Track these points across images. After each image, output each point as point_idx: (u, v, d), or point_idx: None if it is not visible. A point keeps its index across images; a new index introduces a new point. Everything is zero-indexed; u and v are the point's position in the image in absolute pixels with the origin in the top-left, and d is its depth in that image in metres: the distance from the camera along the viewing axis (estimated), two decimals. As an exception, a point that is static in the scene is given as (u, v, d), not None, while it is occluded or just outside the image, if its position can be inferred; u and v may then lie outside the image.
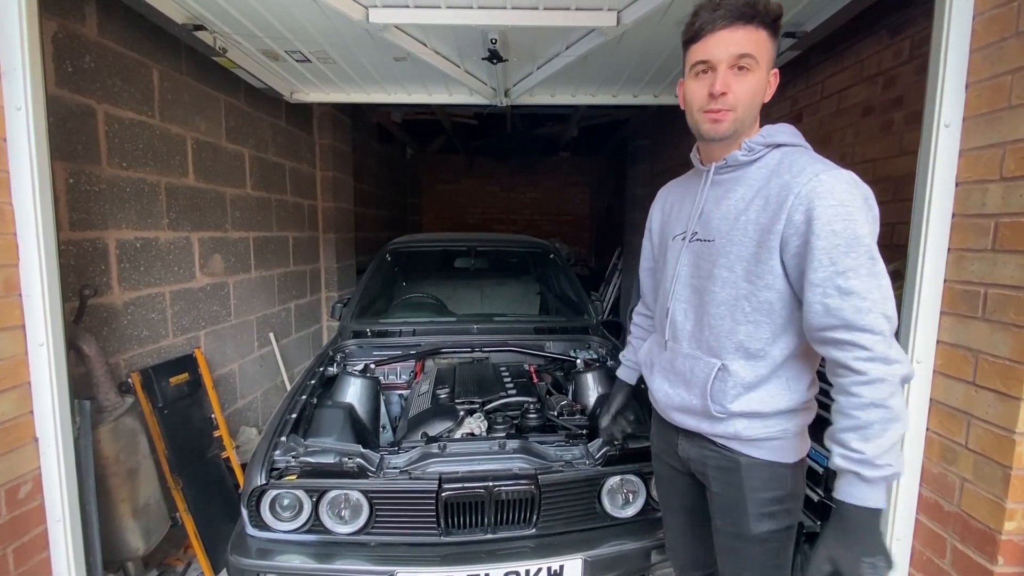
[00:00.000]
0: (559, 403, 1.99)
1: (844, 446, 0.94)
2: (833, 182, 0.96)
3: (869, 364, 0.92)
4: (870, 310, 0.93)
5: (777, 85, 1.10)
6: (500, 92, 3.03)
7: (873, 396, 0.92)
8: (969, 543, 1.25)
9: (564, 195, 8.64)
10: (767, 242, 1.02)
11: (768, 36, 1.03)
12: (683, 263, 1.17)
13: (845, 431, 0.94)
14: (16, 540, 1.39)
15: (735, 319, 1.08)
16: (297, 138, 3.90)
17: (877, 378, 0.92)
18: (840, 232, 0.94)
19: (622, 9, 2.05)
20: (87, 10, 2.00)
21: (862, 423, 0.92)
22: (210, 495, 2.37)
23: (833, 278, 0.94)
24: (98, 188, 2.06)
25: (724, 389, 1.09)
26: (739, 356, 1.09)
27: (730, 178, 1.11)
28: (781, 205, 1.00)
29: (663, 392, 1.22)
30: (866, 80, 2.33)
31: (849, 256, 0.94)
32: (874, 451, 0.91)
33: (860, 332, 0.93)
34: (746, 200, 1.07)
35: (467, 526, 1.57)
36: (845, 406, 0.95)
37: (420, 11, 2.06)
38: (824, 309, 0.96)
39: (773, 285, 1.04)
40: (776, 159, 1.06)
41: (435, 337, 2.51)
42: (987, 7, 1.23)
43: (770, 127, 1.10)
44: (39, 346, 1.41)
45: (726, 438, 1.12)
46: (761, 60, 1.03)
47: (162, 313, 2.44)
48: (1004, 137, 1.19)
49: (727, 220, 1.09)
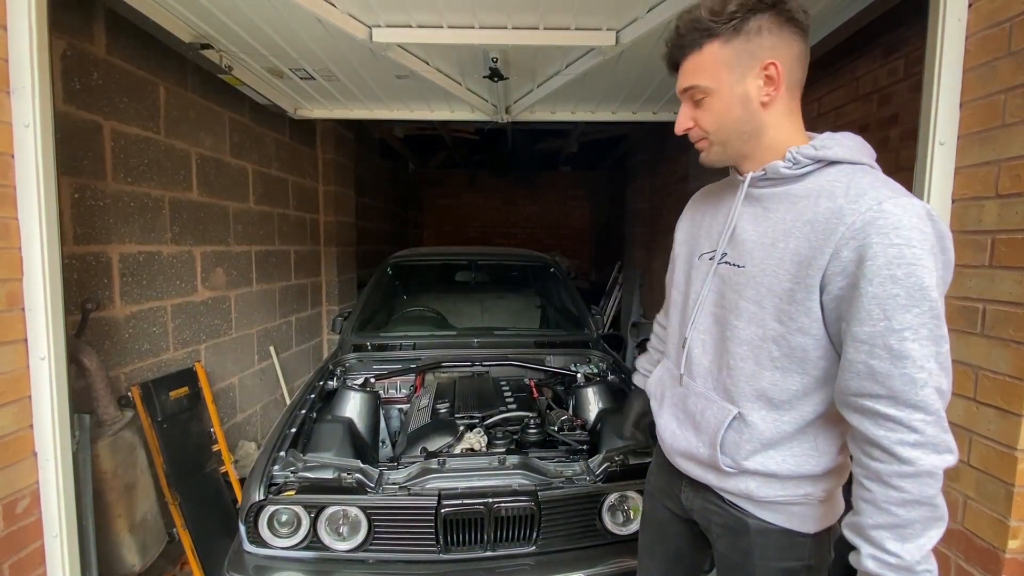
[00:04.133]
0: (559, 418, 1.98)
1: (877, 546, 0.78)
2: (900, 214, 0.76)
3: (917, 452, 0.75)
4: (926, 383, 0.75)
5: (783, 78, 0.88)
6: (501, 109, 3.07)
7: (919, 493, 0.75)
8: (973, 561, 1.24)
9: (564, 209, 8.68)
10: (806, 279, 0.84)
11: (718, 46, 0.87)
12: (709, 288, 0.99)
13: (879, 528, 0.78)
14: (13, 555, 1.38)
15: (759, 362, 0.91)
16: (300, 153, 3.94)
17: (926, 471, 0.75)
18: (902, 280, 0.75)
19: (621, 29, 2.09)
20: (95, 29, 2.04)
21: (902, 522, 0.76)
22: (208, 510, 2.35)
23: (885, 335, 0.76)
24: (103, 203, 2.08)
25: (738, 442, 0.93)
26: (760, 405, 0.92)
27: (770, 194, 0.92)
28: (828, 236, 0.81)
29: (670, 432, 1.06)
30: (862, 98, 2.36)
31: (910, 312, 0.75)
32: (914, 555, 0.76)
33: (911, 410, 0.76)
34: (787, 224, 0.88)
35: (466, 543, 1.55)
36: (881, 499, 0.78)
37: (422, 31, 2.10)
38: (868, 371, 0.78)
39: (809, 330, 0.85)
40: (831, 178, 0.86)
41: (435, 351, 2.51)
42: (979, 28, 1.26)
43: (828, 136, 0.90)
44: (40, 360, 1.41)
45: (735, 495, 0.96)
46: (719, 79, 0.89)
47: (163, 327, 2.44)
48: (999, 155, 1.20)
49: (762, 246, 0.90)
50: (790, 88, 0.90)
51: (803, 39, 0.89)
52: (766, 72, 0.87)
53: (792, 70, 0.89)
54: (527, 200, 8.61)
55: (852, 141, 0.89)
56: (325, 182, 4.32)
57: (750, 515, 0.96)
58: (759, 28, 0.86)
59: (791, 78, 0.89)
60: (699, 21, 0.88)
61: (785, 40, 0.87)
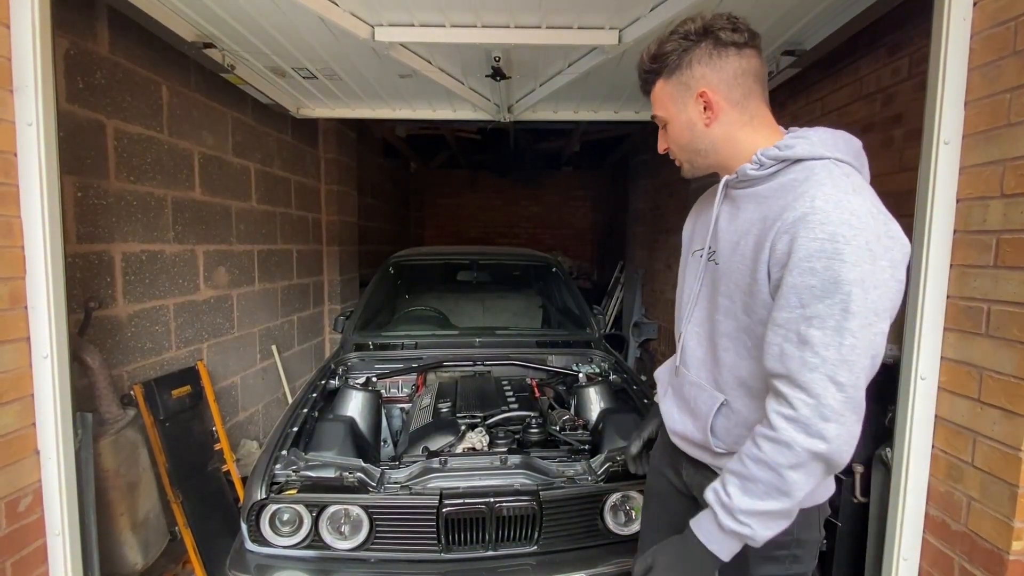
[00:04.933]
0: (561, 418, 1.98)
1: (722, 483, 0.91)
2: (831, 210, 0.81)
3: (785, 424, 0.83)
4: (817, 368, 0.81)
5: (714, 98, 0.97)
6: (503, 108, 3.07)
7: (770, 457, 0.84)
8: (977, 563, 1.23)
9: (566, 209, 8.68)
10: (756, 272, 0.91)
11: (662, 83, 1.01)
12: (702, 283, 1.08)
13: (732, 473, 0.89)
14: (15, 554, 1.38)
15: (738, 353, 0.98)
16: (302, 152, 3.94)
17: (784, 442, 0.83)
18: (819, 272, 0.80)
19: (623, 28, 2.09)
20: (98, 27, 2.04)
21: (748, 475, 0.87)
22: (209, 509, 2.35)
23: (798, 322, 0.83)
24: (105, 201, 2.08)
25: (727, 427, 1.01)
26: (742, 393, 0.99)
27: (742, 195, 0.99)
28: (770, 231, 0.88)
29: (671, 417, 1.16)
30: (865, 97, 2.35)
31: (822, 303, 0.81)
32: (743, 505, 0.86)
33: (797, 389, 0.83)
34: (749, 222, 0.95)
35: (468, 543, 1.55)
36: (745, 451, 0.89)
37: (425, 30, 2.09)
38: (779, 353, 0.85)
39: (766, 320, 0.90)
40: (792, 176, 0.91)
41: (437, 350, 2.51)
42: (985, 26, 1.25)
43: (797, 133, 0.96)
44: (43, 358, 1.42)
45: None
46: (668, 110, 1.02)
47: (165, 326, 2.45)
48: (1004, 154, 1.19)
49: (730, 243, 0.99)
50: (736, 103, 0.97)
51: (742, 55, 0.96)
52: (702, 99, 0.97)
53: (731, 89, 0.96)
54: (529, 200, 8.61)
55: (820, 135, 0.93)
56: (327, 181, 4.32)
57: None
58: (691, 62, 0.97)
59: (731, 96, 0.97)
60: (644, 64, 1.03)
61: (717, 66, 0.96)
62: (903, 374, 1.37)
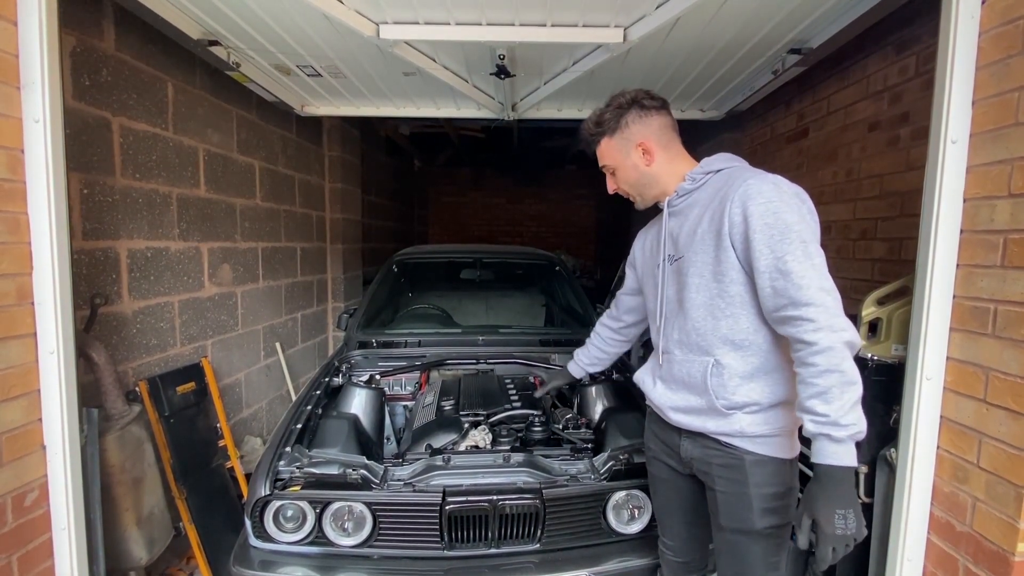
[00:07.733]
0: (564, 416, 1.98)
1: (811, 412, 1.04)
2: (759, 184, 1.13)
3: (818, 335, 1.03)
4: (809, 285, 1.05)
5: (649, 145, 1.30)
6: (507, 106, 3.06)
7: (827, 363, 1.02)
8: (982, 564, 1.23)
9: (570, 207, 8.66)
10: (721, 243, 1.16)
11: (607, 140, 1.33)
12: (667, 284, 1.33)
13: (810, 398, 1.04)
14: (21, 548, 1.40)
15: (715, 316, 1.20)
16: (307, 150, 3.95)
17: (827, 346, 1.02)
18: (773, 224, 1.09)
19: (629, 26, 2.08)
20: (105, 25, 2.05)
21: (822, 388, 1.02)
22: (214, 505, 2.36)
23: (775, 263, 1.08)
24: (111, 199, 2.09)
25: (723, 383, 1.19)
26: (728, 348, 1.19)
27: (684, 205, 1.30)
28: (723, 209, 1.16)
29: (662, 394, 1.33)
30: (872, 96, 2.34)
31: (785, 242, 1.07)
32: (838, 412, 1.01)
33: (805, 306, 1.05)
34: (700, 216, 1.23)
35: (471, 540, 1.55)
36: (805, 376, 1.05)
37: (430, 28, 2.09)
38: (773, 291, 1.09)
39: (737, 279, 1.16)
40: (719, 179, 1.24)
41: (440, 348, 2.51)
42: (993, 25, 1.24)
43: (708, 158, 1.30)
44: (49, 354, 1.42)
45: (731, 435, 1.20)
46: (615, 160, 1.34)
47: (170, 322, 2.46)
48: (1012, 153, 1.19)
49: (690, 236, 1.24)
50: (664, 147, 1.31)
51: (660, 114, 1.31)
52: (641, 147, 1.31)
53: (660, 136, 1.31)
54: (533, 198, 8.60)
55: (724, 155, 1.30)
56: (331, 179, 4.33)
57: (745, 451, 1.19)
58: (627, 123, 1.31)
59: (661, 141, 1.31)
60: (591, 129, 1.36)
61: (647, 122, 1.30)
62: (908, 374, 1.37)
